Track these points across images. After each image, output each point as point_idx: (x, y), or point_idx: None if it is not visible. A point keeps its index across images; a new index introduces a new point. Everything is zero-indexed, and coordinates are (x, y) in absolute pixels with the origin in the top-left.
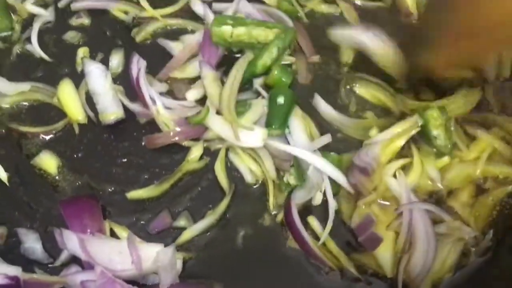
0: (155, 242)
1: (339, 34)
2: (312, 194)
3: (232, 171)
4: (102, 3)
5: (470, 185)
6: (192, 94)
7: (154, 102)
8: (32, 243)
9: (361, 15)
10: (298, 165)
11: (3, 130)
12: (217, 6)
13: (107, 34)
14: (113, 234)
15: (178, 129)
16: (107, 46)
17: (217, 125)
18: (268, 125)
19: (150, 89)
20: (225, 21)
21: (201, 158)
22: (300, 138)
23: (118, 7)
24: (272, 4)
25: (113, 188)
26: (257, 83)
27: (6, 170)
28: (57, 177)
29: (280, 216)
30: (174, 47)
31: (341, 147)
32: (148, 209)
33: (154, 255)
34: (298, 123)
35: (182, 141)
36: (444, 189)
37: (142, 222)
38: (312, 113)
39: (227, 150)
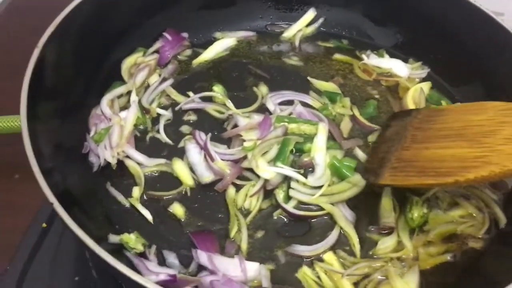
0: None
1: None
2: None
3: None
4: (201, 105)
5: None
6: (247, 143)
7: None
8: (172, 259)
9: None
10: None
11: (146, 192)
12: (282, 107)
13: (207, 126)
14: None
15: (229, 171)
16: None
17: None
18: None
19: (214, 148)
20: (283, 119)
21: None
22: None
23: (213, 108)
24: (317, 107)
25: (219, 227)
26: None
27: (151, 214)
28: (183, 219)
29: None
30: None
31: None
32: None
33: (254, 268)
34: None
35: (234, 179)
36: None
37: None
38: None
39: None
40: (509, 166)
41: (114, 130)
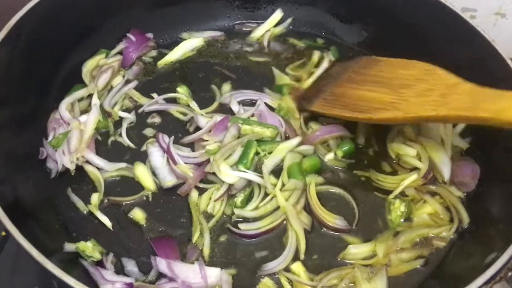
0: None
1: None
2: None
3: None
4: (165, 107)
5: None
6: (210, 147)
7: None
8: (131, 267)
9: None
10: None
11: (106, 198)
12: (247, 107)
13: (171, 129)
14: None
15: (191, 174)
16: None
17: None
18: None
19: (177, 151)
20: (237, 120)
21: None
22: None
23: (176, 109)
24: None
25: (181, 232)
26: None
27: (110, 220)
28: (144, 225)
29: None
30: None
31: None
32: None
33: (215, 274)
34: None
35: (197, 183)
36: None
37: None
38: None
39: None
40: (411, 114)
41: (73, 134)
